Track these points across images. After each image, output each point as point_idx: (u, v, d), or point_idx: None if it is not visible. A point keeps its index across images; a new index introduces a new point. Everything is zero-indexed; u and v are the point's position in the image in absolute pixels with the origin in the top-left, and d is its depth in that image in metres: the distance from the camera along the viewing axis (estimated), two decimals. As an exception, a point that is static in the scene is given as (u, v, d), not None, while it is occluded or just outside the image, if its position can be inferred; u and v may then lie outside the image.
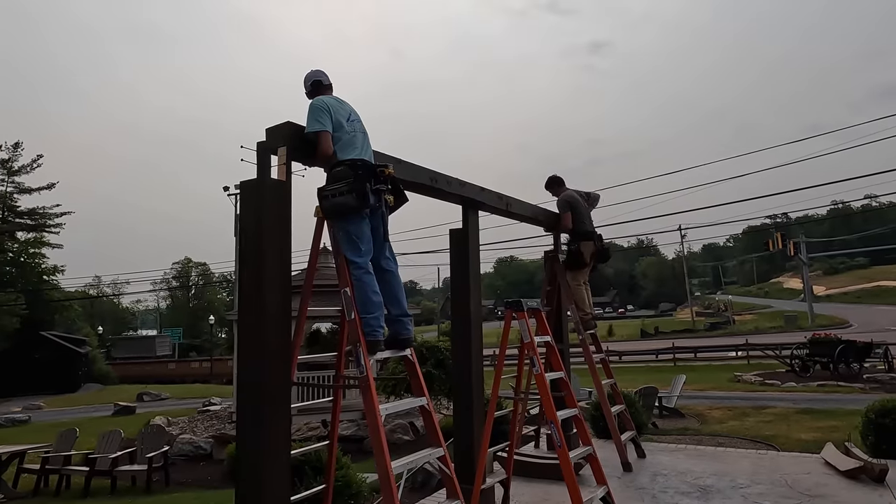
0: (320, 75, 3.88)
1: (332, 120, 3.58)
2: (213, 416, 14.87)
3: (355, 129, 3.68)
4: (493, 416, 4.84)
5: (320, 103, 3.60)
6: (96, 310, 71.41)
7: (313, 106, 3.58)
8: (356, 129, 3.69)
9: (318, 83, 3.84)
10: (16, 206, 42.05)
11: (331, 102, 3.67)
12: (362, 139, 3.73)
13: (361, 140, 3.71)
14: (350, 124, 3.66)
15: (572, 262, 6.91)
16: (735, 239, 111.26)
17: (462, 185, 5.21)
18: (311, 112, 3.57)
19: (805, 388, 16.24)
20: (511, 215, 6.44)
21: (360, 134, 3.71)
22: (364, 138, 3.75)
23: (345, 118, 3.65)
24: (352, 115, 3.73)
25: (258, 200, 3.45)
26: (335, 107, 3.65)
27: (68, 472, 9.66)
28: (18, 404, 25.37)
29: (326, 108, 3.59)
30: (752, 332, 38.01)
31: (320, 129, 3.50)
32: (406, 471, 4.23)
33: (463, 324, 5.29)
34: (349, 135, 3.61)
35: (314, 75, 3.87)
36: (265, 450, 3.23)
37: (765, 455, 7.02)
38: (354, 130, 3.67)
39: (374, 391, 3.25)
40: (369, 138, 3.83)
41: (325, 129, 3.51)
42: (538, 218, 6.92)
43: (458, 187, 5.15)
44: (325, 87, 3.86)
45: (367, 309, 3.37)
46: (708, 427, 11.25)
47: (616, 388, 7.03)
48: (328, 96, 3.77)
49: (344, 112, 3.68)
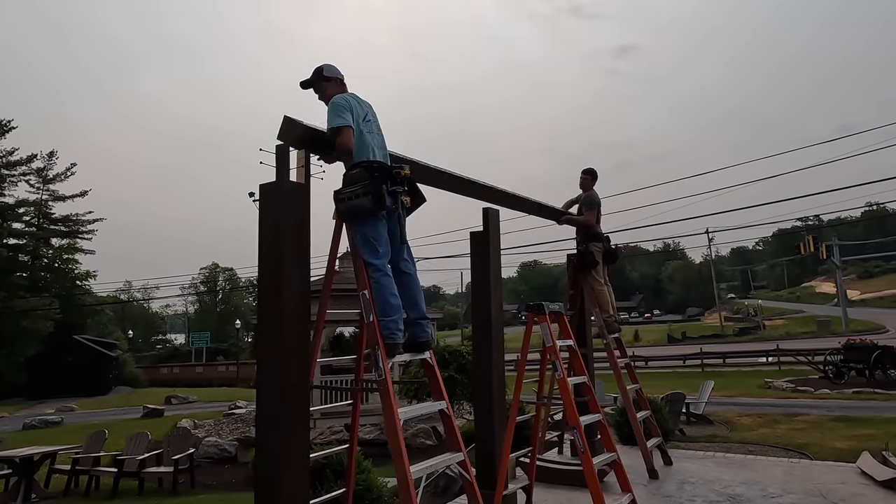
0: (331, 69, 3.80)
1: (354, 117, 3.57)
2: (238, 419, 15.02)
3: (371, 130, 3.67)
4: (515, 421, 4.77)
5: (342, 100, 3.59)
6: (127, 314, 73.02)
7: (333, 102, 3.57)
8: (372, 130, 3.68)
9: (318, 71, 3.77)
10: (50, 214, 43.38)
11: (351, 100, 3.65)
12: (379, 140, 3.72)
13: (377, 141, 3.70)
14: (366, 124, 3.65)
15: (583, 262, 6.87)
16: (764, 242, 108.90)
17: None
18: (332, 108, 3.55)
19: (840, 396, 15.77)
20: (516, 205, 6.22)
21: (376, 135, 3.70)
22: (380, 139, 3.74)
23: (362, 117, 3.64)
24: (368, 115, 3.71)
25: (277, 203, 3.46)
26: (355, 105, 3.64)
27: (97, 473, 9.83)
28: (52, 406, 26.01)
29: (348, 104, 3.58)
30: (784, 338, 37.12)
31: (343, 125, 3.48)
32: (426, 475, 4.18)
33: (484, 327, 5.25)
34: (367, 134, 3.60)
35: (323, 67, 3.80)
36: (282, 451, 3.22)
37: (797, 464, 6.81)
38: (371, 131, 3.66)
39: (393, 394, 3.22)
40: (385, 139, 3.81)
41: (346, 125, 3.50)
42: (546, 208, 6.77)
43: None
44: (330, 80, 3.77)
45: (385, 312, 3.35)
46: (737, 434, 10.96)
47: (641, 394, 6.89)
48: (349, 94, 3.75)
49: (361, 111, 3.67)
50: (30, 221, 42.74)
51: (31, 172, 42.05)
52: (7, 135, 40.76)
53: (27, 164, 41.71)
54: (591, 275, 6.87)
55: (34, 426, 19.46)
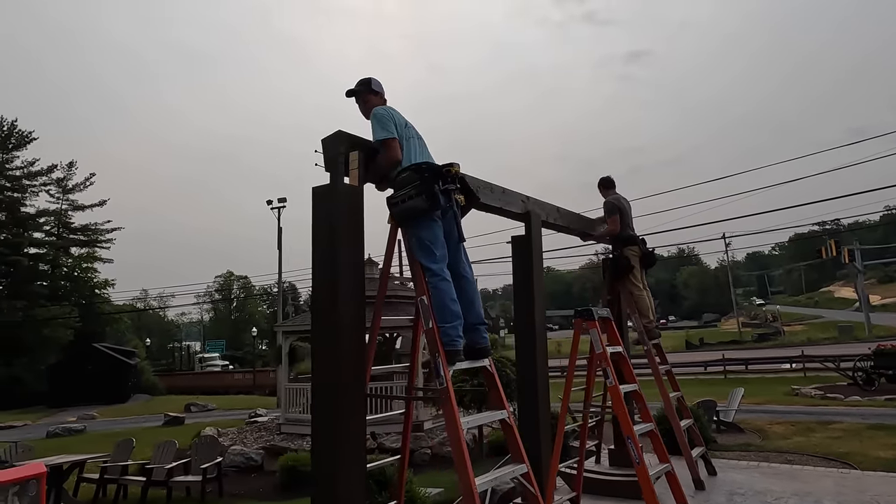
0: (378, 84, 3.86)
1: (396, 126, 3.56)
2: (261, 427, 14.96)
3: (411, 135, 3.67)
4: (564, 431, 4.64)
5: (384, 112, 3.61)
6: (143, 322, 73.58)
7: (377, 115, 3.59)
8: (412, 135, 3.68)
9: (366, 83, 3.80)
10: (70, 223, 43.89)
11: (391, 111, 3.68)
12: (420, 144, 3.71)
13: (420, 145, 3.69)
14: (406, 130, 3.65)
15: (618, 269, 6.66)
16: (781, 247, 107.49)
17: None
18: (376, 121, 3.56)
19: (872, 403, 15.39)
20: (558, 228, 6.27)
21: (415, 139, 3.68)
22: (421, 143, 3.73)
23: (403, 125, 3.65)
24: (407, 123, 3.72)
25: (330, 206, 3.38)
26: (395, 115, 3.66)
27: (126, 482, 9.81)
28: (73, 414, 26.17)
29: (390, 116, 3.60)
30: (806, 344, 36.45)
31: (388, 137, 3.49)
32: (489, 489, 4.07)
33: (527, 333, 5.13)
34: (407, 141, 3.60)
35: (371, 80, 3.84)
36: (340, 465, 3.12)
37: (847, 474, 6.59)
38: (411, 136, 3.66)
39: (455, 403, 3.11)
40: (427, 144, 3.80)
41: (393, 136, 3.51)
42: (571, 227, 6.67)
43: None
44: (377, 94, 3.82)
45: (445, 318, 3.25)
46: (771, 443, 10.71)
47: (683, 402, 6.70)
48: (389, 106, 3.75)
49: (402, 119, 3.69)
50: (50, 231, 43.33)
51: (52, 183, 42.70)
52: (28, 146, 41.43)
53: (48, 175, 42.36)
54: (629, 280, 6.71)
55: (58, 434, 19.55)
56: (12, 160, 41.02)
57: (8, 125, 40.47)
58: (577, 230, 6.69)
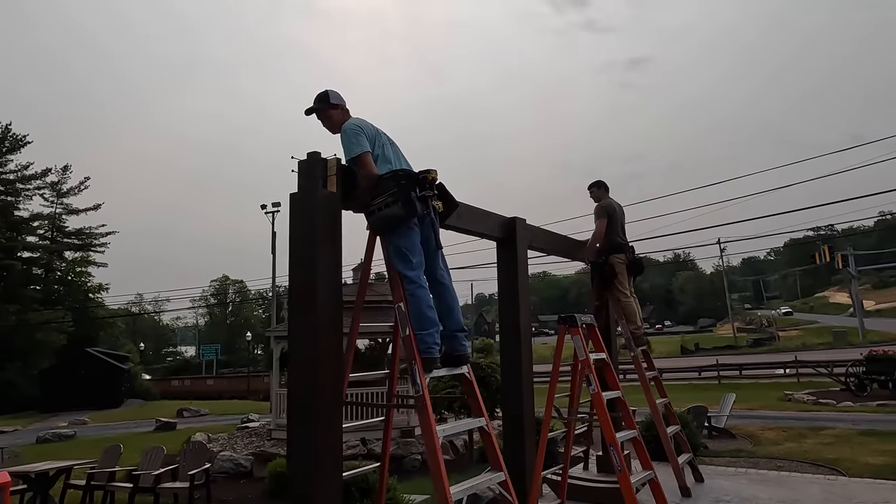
0: (336, 96, 3.71)
1: (368, 138, 3.49)
2: (252, 433, 14.88)
3: (384, 142, 3.61)
4: (548, 437, 4.62)
5: (353, 126, 3.52)
6: (138, 326, 73.26)
7: (346, 130, 3.49)
8: (385, 142, 3.62)
9: (323, 97, 3.67)
10: (64, 227, 43.74)
11: (361, 123, 3.59)
12: (395, 150, 3.66)
13: (394, 151, 3.64)
14: (378, 138, 3.59)
15: (602, 277, 6.60)
16: (776, 252, 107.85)
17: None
18: (346, 137, 3.46)
19: (864, 408, 15.43)
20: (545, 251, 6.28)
21: (388, 146, 3.62)
22: (395, 148, 3.67)
23: (373, 134, 3.57)
24: (378, 131, 3.65)
25: (311, 209, 3.34)
26: (365, 126, 3.57)
27: (113, 489, 9.70)
28: (65, 419, 26.00)
29: (360, 129, 3.51)
30: (800, 349, 36.58)
31: (362, 152, 3.41)
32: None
33: (512, 339, 5.11)
34: (381, 148, 3.54)
35: (328, 93, 3.69)
36: (315, 471, 3.08)
37: (834, 481, 6.58)
38: (384, 143, 3.60)
39: (431, 411, 3.09)
40: (400, 148, 3.74)
41: (366, 150, 3.43)
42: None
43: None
44: (337, 107, 3.67)
45: (422, 325, 3.23)
46: (762, 449, 10.70)
47: (670, 408, 6.70)
48: (356, 118, 3.67)
49: (372, 129, 3.60)
50: (44, 235, 43.16)
51: (46, 186, 42.56)
52: (22, 149, 41.32)
53: (41, 178, 42.23)
54: (616, 287, 6.69)
55: (48, 440, 19.40)
56: (6, 164, 40.91)
57: (2, 129, 40.35)
58: (562, 252, 6.64)
